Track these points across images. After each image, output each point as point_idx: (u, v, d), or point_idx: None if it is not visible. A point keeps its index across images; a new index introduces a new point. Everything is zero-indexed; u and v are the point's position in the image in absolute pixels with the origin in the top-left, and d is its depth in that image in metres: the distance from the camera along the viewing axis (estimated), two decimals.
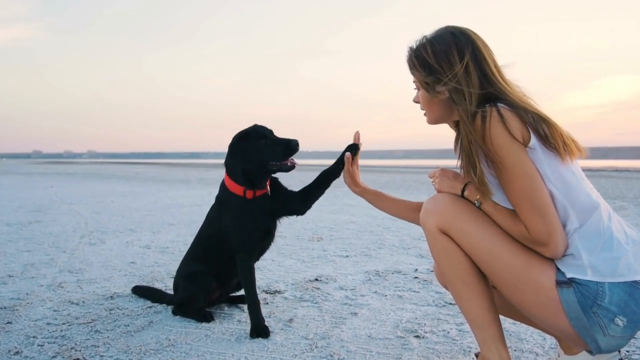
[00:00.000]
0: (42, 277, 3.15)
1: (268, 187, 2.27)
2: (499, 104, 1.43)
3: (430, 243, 1.59)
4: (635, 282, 1.35)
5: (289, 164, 2.14)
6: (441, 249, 1.55)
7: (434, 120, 1.65)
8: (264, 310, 2.44)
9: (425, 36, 1.58)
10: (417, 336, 2.10)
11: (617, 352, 1.51)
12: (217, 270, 2.37)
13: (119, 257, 3.78)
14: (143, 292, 2.74)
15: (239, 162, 2.16)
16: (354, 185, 2.03)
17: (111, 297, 2.71)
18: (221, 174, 2.29)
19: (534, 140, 1.41)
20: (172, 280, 3.05)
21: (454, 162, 1.61)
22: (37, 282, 3.02)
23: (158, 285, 2.92)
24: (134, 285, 2.84)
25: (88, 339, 2.08)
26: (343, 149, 2.09)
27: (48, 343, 2.04)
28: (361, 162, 2.10)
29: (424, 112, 1.66)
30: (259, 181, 2.21)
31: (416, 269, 3.34)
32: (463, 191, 1.56)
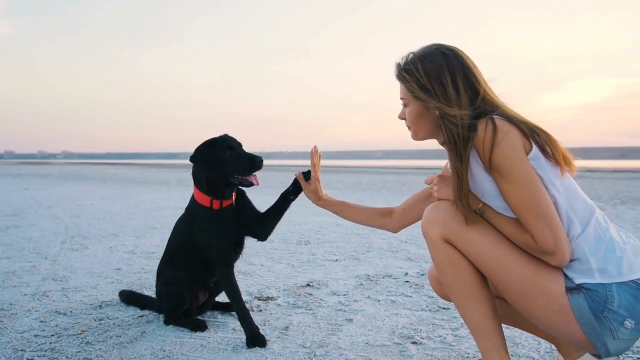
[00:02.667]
0: (25, 285, 3.05)
1: (233, 198, 2.26)
2: (494, 116, 1.44)
3: (432, 252, 1.58)
4: (637, 282, 1.38)
5: (250, 180, 2.12)
6: (445, 259, 1.54)
7: (422, 136, 1.64)
8: (259, 318, 2.42)
9: (413, 53, 1.58)
10: (414, 342, 2.11)
11: (616, 357, 1.54)
12: (193, 275, 2.33)
13: (104, 264, 3.69)
14: (129, 297, 2.68)
15: (201, 169, 2.16)
16: (317, 199, 2.09)
17: (100, 306, 2.64)
18: None
19: (535, 149, 1.42)
20: None
21: (433, 163, 1.61)
22: (20, 291, 2.93)
23: (147, 292, 2.86)
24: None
25: (79, 352, 2.02)
26: (328, 149, 2.10)
27: (38, 357, 1.98)
28: (342, 162, 2.11)
29: (410, 128, 1.65)
30: (223, 192, 2.19)
31: (406, 273, 3.35)
32: None
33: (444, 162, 1.80)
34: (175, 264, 2.36)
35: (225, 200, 2.21)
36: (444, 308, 2.56)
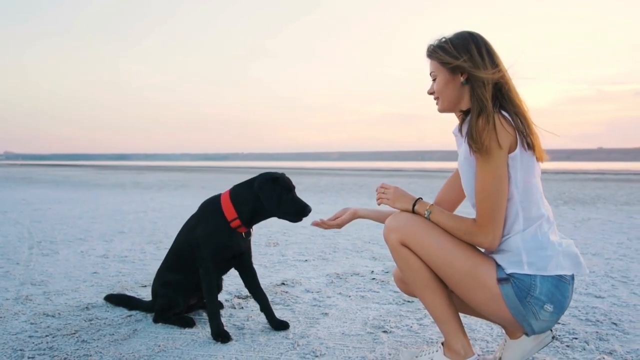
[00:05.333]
0: (4, 290, 3.12)
1: (252, 231, 2.46)
2: (502, 112, 1.70)
3: (393, 255, 1.88)
4: (560, 275, 1.70)
5: (295, 219, 2.39)
6: (403, 260, 1.84)
7: (446, 106, 1.87)
8: (241, 315, 2.62)
9: (444, 36, 1.84)
10: (384, 331, 2.38)
11: (549, 332, 1.87)
12: (190, 279, 2.49)
13: (79, 268, 3.77)
14: (117, 300, 2.82)
15: (263, 199, 2.31)
16: (351, 217, 2.26)
17: (86, 307, 2.76)
18: (158, 177, 2.38)
19: (517, 150, 1.69)
20: (143, 289, 3.15)
21: (389, 164, 1.86)
22: (1, 295, 3.00)
23: (129, 294, 2.99)
24: (104, 295, 2.90)
25: (78, 349, 2.16)
26: (285, 151, 2.29)
27: (38, 355, 2.11)
28: (300, 164, 2.34)
29: (437, 100, 1.89)
30: (252, 221, 2.39)
31: (372, 271, 3.63)
32: (414, 206, 1.86)
33: (401, 164, 2.05)
34: (175, 265, 2.51)
35: (242, 227, 2.38)
36: (409, 301, 2.85)
